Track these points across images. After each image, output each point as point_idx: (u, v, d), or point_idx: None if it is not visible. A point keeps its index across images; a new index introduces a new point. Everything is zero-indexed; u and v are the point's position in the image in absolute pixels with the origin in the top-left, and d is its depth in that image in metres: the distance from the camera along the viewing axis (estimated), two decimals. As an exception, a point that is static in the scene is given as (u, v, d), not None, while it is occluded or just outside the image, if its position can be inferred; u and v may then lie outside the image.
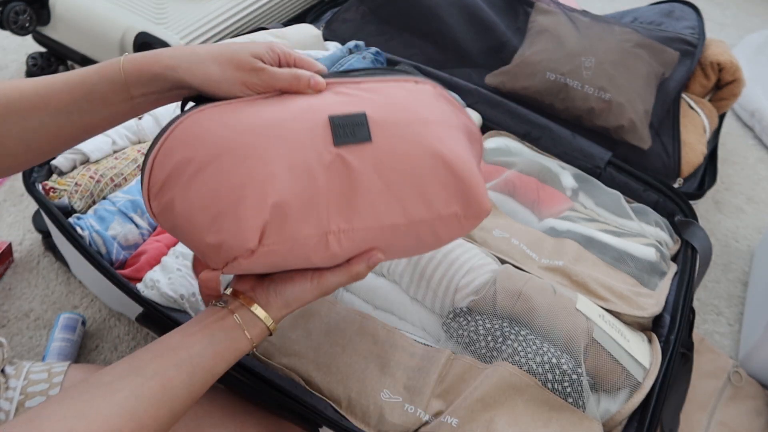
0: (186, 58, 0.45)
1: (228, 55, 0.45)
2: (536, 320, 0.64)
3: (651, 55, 1.02)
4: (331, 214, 0.44)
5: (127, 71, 0.45)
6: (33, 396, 0.54)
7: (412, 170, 0.46)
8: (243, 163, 0.42)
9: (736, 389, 0.82)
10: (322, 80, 0.48)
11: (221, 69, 0.45)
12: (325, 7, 1.24)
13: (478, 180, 0.49)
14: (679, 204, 0.90)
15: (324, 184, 0.44)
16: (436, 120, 0.49)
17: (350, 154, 0.44)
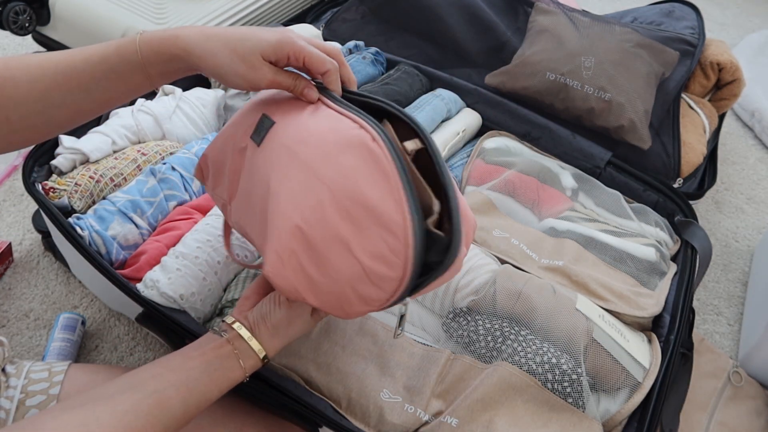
0: (200, 45, 0.47)
1: (240, 53, 0.47)
2: (536, 320, 0.64)
3: (651, 55, 1.02)
4: (230, 186, 0.55)
5: (143, 53, 0.47)
6: (33, 395, 0.54)
7: (251, 190, 0.51)
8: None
9: (736, 389, 0.82)
10: (314, 95, 0.51)
11: (231, 62, 0.47)
12: (325, 7, 1.24)
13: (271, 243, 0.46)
14: (679, 204, 0.90)
15: (230, 162, 0.54)
16: (309, 164, 0.46)
17: (250, 148, 0.52)
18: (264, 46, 0.47)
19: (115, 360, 0.80)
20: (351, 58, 1.00)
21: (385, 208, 0.43)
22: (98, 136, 0.80)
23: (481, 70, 1.09)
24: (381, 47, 1.07)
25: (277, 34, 0.48)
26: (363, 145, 0.44)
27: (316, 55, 0.49)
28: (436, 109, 0.95)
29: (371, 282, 0.45)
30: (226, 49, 0.47)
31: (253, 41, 0.47)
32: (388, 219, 0.43)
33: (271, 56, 0.48)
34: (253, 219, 0.52)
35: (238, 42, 0.47)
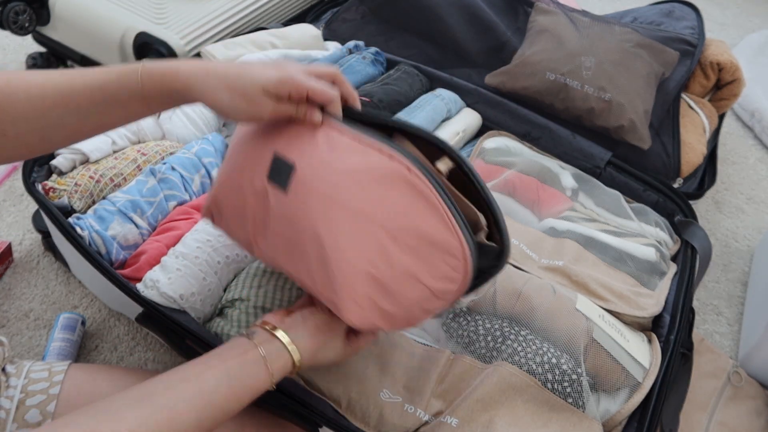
0: (201, 81, 0.47)
1: (240, 89, 0.47)
2: (536, 320, 0.64)
3: (651, 55, 1.02)
4: (254, 228, 0.54)
5: (145, 85, 0.47)
6: (33, 394, 0.54)
7: (296, 238, 0.50)
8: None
9: (735, 389, 0.82)
10: (318, 118, 0.50)
11: (231, 99, 0.47)
12: (325, 7, 1.24)
13: (345, 293, 0.48)
14: (678, 204, 0.90)
15: (251, 207, 0.53)
16: (356, 209, 0.47)
17: (272, 193, 0.51)
18: (264, 82, 0.47)
19: (115, 360, 0.80)
20: (351, 58, 1.00)
21: (440, 234, 0.46)
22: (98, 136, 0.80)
23: (481, 70, 1.09)
24: (381, 47, 1.07)
25: (277, 72, 0.48)
26: (402, 179, 0.46)
27: (318, 89, 0.49)
28: (436, 109, 0.95)
29: (437, 298, 0.49)
30: (225, 86, 0.47)
31: (252, 77, 0.47)
32: (445, 243, 0.46)
33: (272, 92, 0.48)
34: (304, 265, 0.51)
35: (237, 79, 0.47)
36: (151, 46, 1.01)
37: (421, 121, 0.91)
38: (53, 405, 0.53)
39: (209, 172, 0.80)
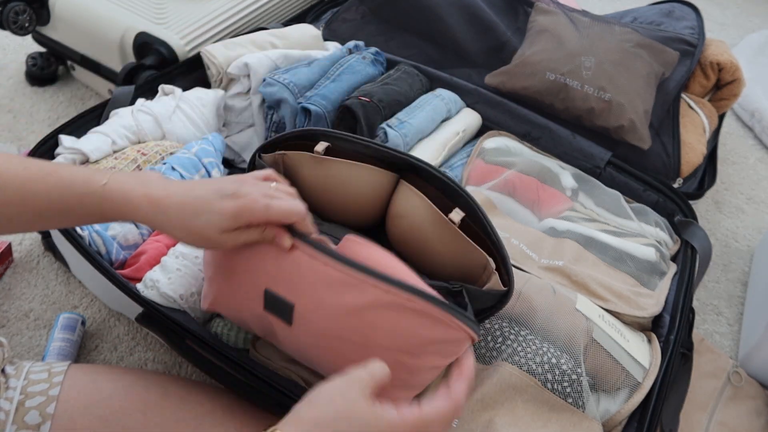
0: (160, 220, 0.47)
1: (197, 231, 0.47)
2: (536, 320, 0.64)
3: (651, 55, 1.02)
4: (264, 335, 0.57)
5: (104, 209, 0.48)
6: (33, 396, 0.54)
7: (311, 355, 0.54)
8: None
9: (735, 389, 0.82)
10: (287, 242, 0.49)
11: (190, 238, 0.48)
12: (325, 7, 1.24)
13: None
14: (678, 204, 0.90)
15: (255, 323, 0.56)
16: (368, 343, 0.48)
17: (275, 321, 0.52)
18: (218, 221, 0.46)
19: (115, 360, 0.80)
20: (351, 58, 1.00)
21: (447, 334, 0.48)
22: (98, 136, 0.80)
23: (481, 70, 1.09)
24: (381, 47, 1.07)
25: (233, 204, 0.46)
26: (402, 307, 0.46)
27: (280, 212, 0.47)
28: (436, 109, 0.95)
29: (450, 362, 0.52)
30: (182, 227, 0.47)
31: (207, 217, 0.46)
32: (452, 338, 0.48)
33: (229, 228, 0.47)
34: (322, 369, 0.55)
35: (192, 218, 0.46)
36: (151, 46, 1.01)
37: (421, 121, 0.91)
38: (53, 407, 0.53)
39: (209, 172, 0.80)
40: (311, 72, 0.94)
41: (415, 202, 0.57)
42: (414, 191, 0.58)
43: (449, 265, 0.58)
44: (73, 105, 1.21)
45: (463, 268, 0.57)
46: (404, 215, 0.59)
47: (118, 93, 0.89)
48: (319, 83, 0.93)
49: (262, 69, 0.92)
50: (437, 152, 0.91)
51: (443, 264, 0.58)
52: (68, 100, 1.22)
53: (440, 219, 0.55)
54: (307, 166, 0.60)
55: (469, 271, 0.57)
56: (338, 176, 0.59)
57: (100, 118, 0.86)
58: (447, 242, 0.56)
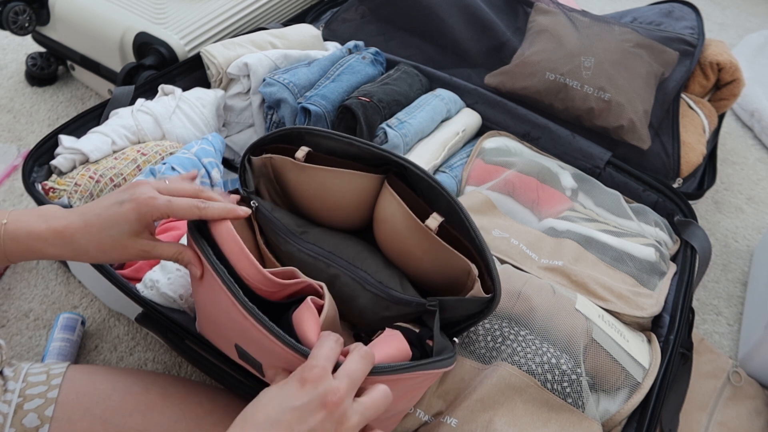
0: (70, 248, 0.46)
1: (108, 246, 0.47)
2: (536, 320, 0.64)
3: (651, 55, 1.02)
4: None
5: (8, 248, 0.46)
6: (31, 398, 0.54)
7: None
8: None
9: (735, 389, 0.82)
10: (197, 272, 0.49)
11: (106, 254, 0.47)
12: (325, 7, 1.24)
13: None
14: (678, 204, 0.90)
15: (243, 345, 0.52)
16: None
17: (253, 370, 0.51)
18: (127, 228, 0.46)
19: (114, 360, 0.80)
20: (351, 58, 1.00)
21: (423, 380, 0.49)
22: (98, 136, 0.80)
23: (481, 70, 1.09)
24: (381, 47, 1.07)
25: (132, 205, 0.46)
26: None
27: (178, 207, 0.47)
28: (435, 109, 0.95)
29: None
30: (94, 244, 0.46)
31: (115, 228, 0.46)
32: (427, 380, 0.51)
33: (139, 230, 0.47)
34: None
35: (101, 235, 0.46)
36: (151, 46, 1.01)
37: (420, 121, 0.91)
38: (51, 409, 0.53)
39: (209, 172, 0.80)
40: (311, 72, 0.94)
41: (394, 207, 0.56)
42: (393, 196, 0.56)
43: (432, 271, 0.57)
44: (72, 105, 1.21)
45: (447, 274, 0.56)
46: (385, 220, 0.58)
47: (117, 93, 0.89)
48: (319, 83, 0.93)
49: (262, 69, 0.92)
50: (437, 152, 0.91)
51: (426, 270, 0.57)
52: (68, 100, 1.22)
53: (417, 225, 0.54)
54: (292, 172, 0.59)
55: (454, 277, 0.56)
56: (321, 182, 0.58)
57: (99, 118, 0.86)
58: (426, 249, 0.55)
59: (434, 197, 0.55)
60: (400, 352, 0.48)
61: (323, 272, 0.55)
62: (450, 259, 0.54)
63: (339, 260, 0.55)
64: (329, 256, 0.55)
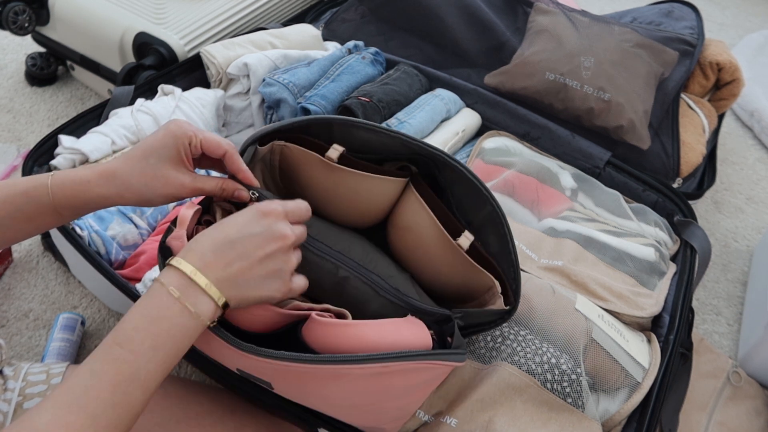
0: (114, 184, 0.46)
1: (150, 173, 0.46)
2: (535, 320, 0.64)
3: (650, 55, 1.02)
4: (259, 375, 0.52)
5: (56, 197, 0.46)
6: (31, 397, 0.54)
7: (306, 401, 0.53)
8: None
9: (735, 389, 0.82)
10: (245, 194, 0.49)
11: (147, 187, 0.46)
12: (325, 7, 1.24)
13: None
14: (678, 204, 0.90)
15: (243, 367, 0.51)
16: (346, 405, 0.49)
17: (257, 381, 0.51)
18: (166, 153, 0.46)
19: (114, 360, 0.80)
20: (350, 58, 1.00)
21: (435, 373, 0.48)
22: (97, 136, 0.80)
23: (481, 70, 1.09)
24: (380, 47, 1.07)
25: (168, 132, 0.47)
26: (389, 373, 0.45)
27: (210, 137, 0.48)
28: (435, 109, 0.95)
29: None
30: (137, 177, 0.46)
31: (155, 156, 0.46)
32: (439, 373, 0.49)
33: (177, 156, 0.47)
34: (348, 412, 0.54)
35: (142, 163, 0.46)
36: (151, 46, 1.01)
37: (420, 121, 0.91)
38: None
39: (209, 172, 0.80)
40: (311, 72, 0.94)
41: (422, 217, 0.54)
42: (421, 204, 0.53)
43: (451, 284, 0.56)
44: (72, 105, 1.21)
45: (467, 287, 0.55)
46: (408, 228, 0.56)
47: (117, 93, 0.89)
48: (319, 83, 0.93)
49: (262, 69, 0.92)
50: (437, 152, 0.91)
51: (445, 282, 0.56)
52: (68, 100, 1.22)
53: (446, 242, 0.52)
54: (315, 169, 0.55)
55: (472, 289, 0.55)
56: (348, 186, 0.55)
57: (99, 118, 0.86)
58: (451, 264, 0.54)
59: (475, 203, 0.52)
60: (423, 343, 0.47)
61: (331, 274, 0.51)
62: (475, 275, 0.53)
63: (349, 261, 0.52)
64: (338, 256, 0.52)
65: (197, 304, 0.41)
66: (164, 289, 0.41)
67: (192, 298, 0.41)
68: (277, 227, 0.44)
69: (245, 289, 0.43)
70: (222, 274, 0.42)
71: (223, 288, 0.42)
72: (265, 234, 0.43)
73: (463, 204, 0.54)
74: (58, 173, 0.47)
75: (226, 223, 0.44)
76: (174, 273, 0.41)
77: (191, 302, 0.41)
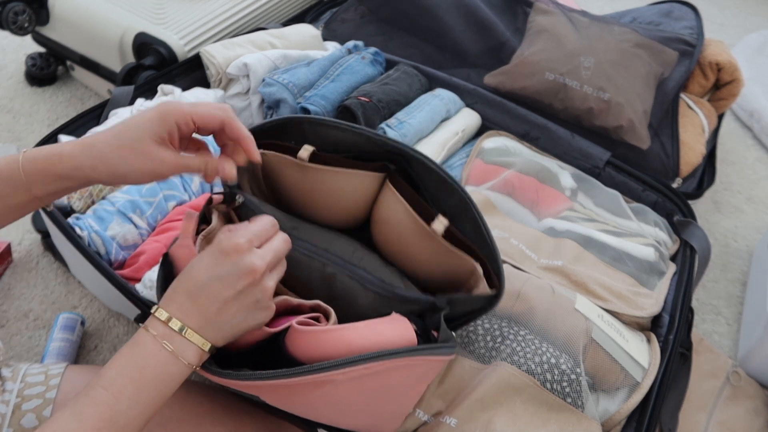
0: (88, 155, 0.44)
1: (129, 146, 0.44)
2: (535, 320, 0.64)
3: (650, 55, 1.02)
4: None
5: (27, 172, 0.44)
6: (30, 399, 0.54)
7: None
8: None
9: (734, 389, 0.82)
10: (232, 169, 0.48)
11: (125, 162, 0.44)
12: (324, 7, 1.24)
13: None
14: (678, 204, 0.90)
15: None
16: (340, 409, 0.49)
17: None
18: (149, 128, 0.44)
19: (114, 360, 0.80)
20: (350, 58, 1.00)
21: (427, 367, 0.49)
22: (97, 136, 0.80)
23: (480, 70, 1.09)
24: (380, 47, 1.07)
25: (156, 110, 0.45)
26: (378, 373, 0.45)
27: (203, 111, 0.45)
28: (435, 109, 0.95)
29: None
30: (114, 149, 0.44)
31: (136, 129, 0.44)
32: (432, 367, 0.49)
33: (161, 133, 0.44)
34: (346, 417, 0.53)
35: (121, 136, 0.44)
36: (151, 46, 1.01)
37: (420, 121, 0.92)
38: (50, 410, 0.53)
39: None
40: (310, 72, 0.94)
41: (397, 209, 0.54)
42: (396, 196, 0.54)
43: (435, 271, 0.56)
44: (72, 105, 1.21)
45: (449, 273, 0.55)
46: (386, 221, 0.56)
47: (117, 93, 0.89)
48: (319, 83, 0.93)
49: (262, 69, 0.92)
50: (436, 152, 0.92)
51: (428, 270, 0.56)
52: (67, 101, 1.22)
53: (422, 229, 0.53)
54: (292, 172, 0.56)
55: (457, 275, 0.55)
56: (324, 183, 0.56)
57: (99, 118, 0.86)
58: (430, 251, 0.54)
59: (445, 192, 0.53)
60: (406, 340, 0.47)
61: (319, 272, 0.52)
62: (455, 260, 0.53)
63: (335, 258, 0.53)
64: (324, 254, 0.53)
65: (184, 351, 0.42)
66: (150, 336, 0.42)
67: (178, 345, 0.42)
68: (243, 263, 0.42)
69: (228, 328, 0.43)
70: (201, 320, 0.42)
71: (206, 333, 0.42)
72: (232, 273, 0.42)
73: (435, 195, 0.55)
74: (31, 149, 0.45)
75: (194, 267, 0.44)
76: (158, 322, 0.42)
77: (178, 349, 0.42)
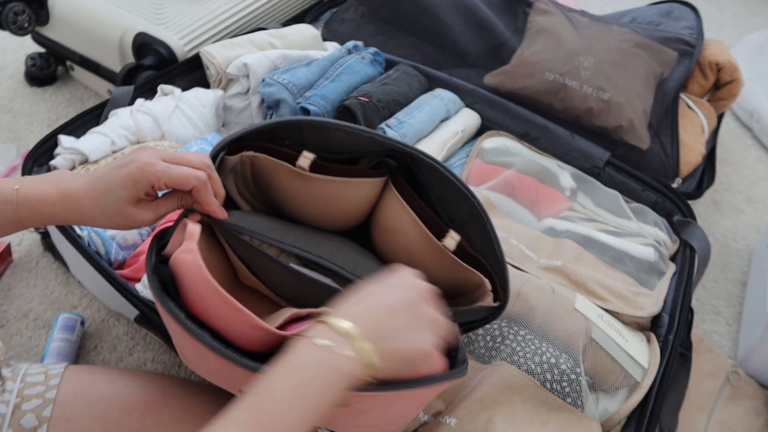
0: (78, 213, 0.47)
1: (111, 211, 0.47)
2: (535, 320, 0.64)
3: (650, 55, 1.02)
4: None
5: (20, 212, 0.46)
6: (29, 399, 0.53)
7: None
8: None
9: (734, 389, 0.82)
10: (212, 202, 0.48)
11: (110, 222, 0.47)
12: (324, 8, 1.24)
13: None
14: (677, 204, 0.90)
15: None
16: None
17: None
18: (125, 194, 0.46)
19: (114, 360, 0.80)
20: (350, 59, 1.00)
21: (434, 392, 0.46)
22: (97, 136, 0.80)
23: (480, 70, 1.09)
24: (380, 47, 1.07)
25: (128, 169, 0.46)
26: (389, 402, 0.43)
27: (176, 174, 0.46)
28: (435, 109, 0.95)
29: None
30: (98, 213, 0.47)
31: (114, 194, 0.46)
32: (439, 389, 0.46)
33: (137, 195, 0.46)
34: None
35: (102, 199, 0.46)
36: (151, 46, 1.01)
37: (420, 121, 0.92)
38: (49, 410, 0.53)
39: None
40: (310, 72, 0.94)
41: (404, 219, 0.52)
42: (402, 205, 0.52)
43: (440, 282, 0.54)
44: (72, 105, 1.21)
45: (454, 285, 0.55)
46: (392, 231, 0.55)
47: (117, 93, 0.89)
48: (318, 83, 0.93)
49: (261, 69, 0.92)
50: (436, 152, 0.92)
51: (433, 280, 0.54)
52: (67, 101, 1.22)
53: (431, 243, 0.51)
54: (287, 178, 0.53)
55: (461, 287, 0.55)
56: (324, 191, 0.53)
57: (99, 118, 0.86)
58: (438, 265, 0.53)
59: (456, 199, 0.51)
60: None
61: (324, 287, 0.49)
62: (463, 273, 0.52)
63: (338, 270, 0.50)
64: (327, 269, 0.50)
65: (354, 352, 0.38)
66: (306, 340, 0.38)
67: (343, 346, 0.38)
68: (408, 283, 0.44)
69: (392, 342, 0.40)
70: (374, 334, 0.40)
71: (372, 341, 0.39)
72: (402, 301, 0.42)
73: (444, 201, 0.53)
74: (23, 188, 0.47)
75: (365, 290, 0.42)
76: (322, 327, 0.39)
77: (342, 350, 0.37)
